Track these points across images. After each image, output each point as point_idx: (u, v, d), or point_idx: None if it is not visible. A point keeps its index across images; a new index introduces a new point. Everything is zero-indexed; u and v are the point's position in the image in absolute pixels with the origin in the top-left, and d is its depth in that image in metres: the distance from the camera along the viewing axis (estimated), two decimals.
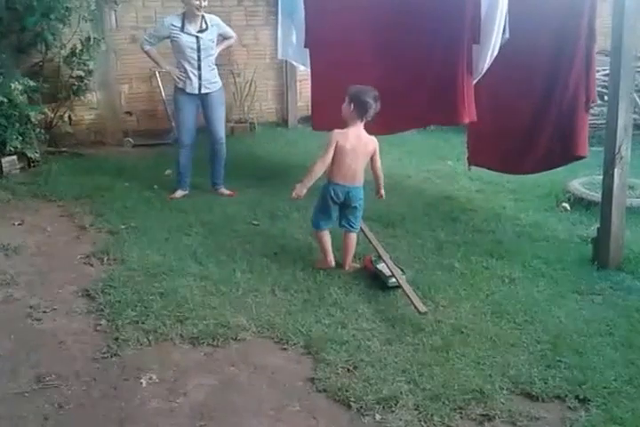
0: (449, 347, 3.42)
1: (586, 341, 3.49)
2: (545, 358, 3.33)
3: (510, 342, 3.49)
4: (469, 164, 5.74)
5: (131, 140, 7.82)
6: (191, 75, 5.72)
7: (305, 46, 6.17)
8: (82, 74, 7.23)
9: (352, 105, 4.16)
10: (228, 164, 6.82)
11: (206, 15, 5.74)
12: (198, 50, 5.69)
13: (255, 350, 3.43)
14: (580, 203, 5.30)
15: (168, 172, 6.49)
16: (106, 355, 3.35)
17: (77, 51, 7.11)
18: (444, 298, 3.96)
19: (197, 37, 5.67)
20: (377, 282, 4.16)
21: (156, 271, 4.24)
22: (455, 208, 5.56)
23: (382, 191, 4.47)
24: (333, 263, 4.34)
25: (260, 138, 8.20)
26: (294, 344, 3.47)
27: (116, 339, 3.48)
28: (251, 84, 8.45)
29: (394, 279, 4.03)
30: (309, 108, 6.75)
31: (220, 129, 5.94)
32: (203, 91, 5.77)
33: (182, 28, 5.64)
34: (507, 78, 4.92)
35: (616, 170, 4.17)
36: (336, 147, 4.14)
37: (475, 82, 4.78)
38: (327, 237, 4.35)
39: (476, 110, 4.93)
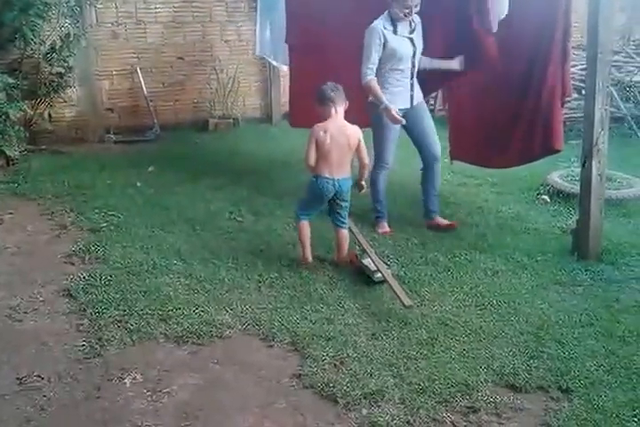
0: (434, 340, 3.44)
1: (567, 331, 3.53)
2: (528, 350, 3.37)
3: (494, 334, 3.52)
4: (451, 158, 5.77)
5: (112, 136, 7.77)
6: (402, 87, 4.83)
7: (285, 42, 6.15)
8: (62, 70, 7.16)
9: (318, 102, 4.24)
10: (210, 160, 6.83)
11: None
12: (413, 55, 4.76)
13: (241, 348, 3.43)
14: (559, 195, 5.35)
15: (151, 168, 6.46)
16: (88, 355, 3.33)
17: (57, 47, 7.05)
18: (429, 292, 3.99)
19: (411, 40, 4.74)
20: (363, 277, 4.17)
21: (139, 269, 4.22)
22: (440, 202, 5.57)
23: (363, 182, 4.41)
24: (310, 259, 4.35)
25: (243, 134, 8.18)
26: (280, 341, 3.47)
27: (99, 339, 3.45)
28: (234, 80, 8.42)
29: (379, 274, 4.04)
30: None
31: (438, 143, 5.02)
32: (414, 103, 4.89)
33: (395, 31, 4.71)
34: (486, 74, 4.94)
35: (594, 162, 4.21)
36: (317, 142, 4.13)
37: (454, 77, 4.83)
38: (307, 230, 4.35)
39: (457, 106, 4.96)
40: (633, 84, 8.23)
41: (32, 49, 7.03)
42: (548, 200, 5.54)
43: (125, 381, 3.13)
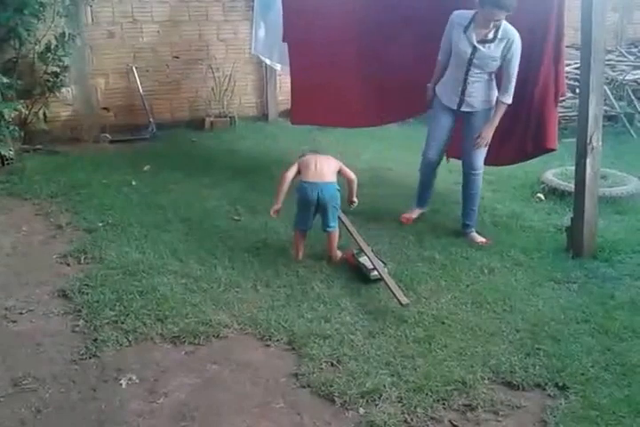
0: (431, 338, 3.45)
1: (563, 328, 3.55)
2: (524, 347, 3.38)
3: (490, 331, 3.53)
4: (447, 156, 5.76)
5: (108, 135, 7.74)
6: (451, 85, 4.68)
7: (283, 41, 6.14)
8: (57, 70, 7.14)
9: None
10: (207, 158, 6.83)
11: (507, 24, 4.39)
12: (469, 62, 4.50)
13: (237, 348, 3.43)
14: (554, 193, 5.36)
15: (146, 167, 6.45)
16: (84, 356, 3.32)
17: (52, 46, 7.01)
18: (426, 289, 4.00)
19: (475, 48, 4.45)
20: (359, 275, 4.18)
21: (135, 269, 4.21)
22: (435, 200, 5.56)
23: (354, 198, 4.52)
24: (300, 258, 4.41)
25: (240, 132, 8.16)
26: (277, 340, 3.48)
27: (95, 340, 3.44)
28: (230, 79, 8.41)
29: (376, 272, 4.04)
30: (289, 101, 6.74)
31: (477, 153, 4.78)
32: (463, 108, 4.70)
33: (465, 30, 4.49)
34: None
35: (588, 160, 4.23)
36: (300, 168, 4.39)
37: None
38: (301, 240, 4.42)
39: None
40: (626, 82, 8.28)
41: (27, 49, 7.01)
42: (543, 198, 5.55)
43: (121, 382, 3.13)
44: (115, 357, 3.33)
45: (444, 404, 2.95)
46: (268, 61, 7.22)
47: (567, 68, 4.73)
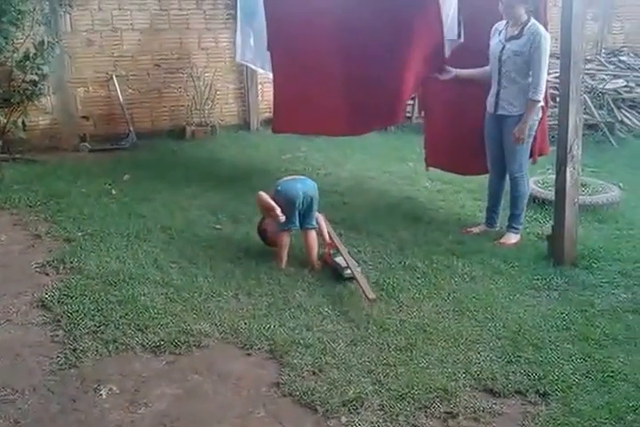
0: (413, 346, 3.45)
1: (544, 336, 3.56)
2: (505, 354, 3.38)
3: (472, 339, 3.54)
4: (427, 165, 5.81)
5: (87, 144, 7.71)
6: (491, 87, 4.80)
7: (267, 49, 6.16)
8: (36, 78, 7.07)
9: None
10: (188, 167, 6.81)
11: (536, 23, 4.56)
12: (499, 60, 4.67)
13: (219, 357, 3.40)
14: (534, 201, 5.39)
15: (126, 177, 6.42)
16: (64, 367, 3.28)
17: (31, 55, 6.96)
18: (408, 297, 4.00)
19: (503, 46, 4.66)
20: (335, 274, 4.27)
21: (115, 279, 4.17)
22: (417, 208, 5.62)
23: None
24: (283, 266, 4.40)
25: (221, 141, 8.16)
26: (259, 349, 3.46)
27: (75, 350, 3.41)
28: (211, 88, 8.40)
29: (349, 271, 4.15)
30: (271, 110, 6.75)
31: (510, 160, 4.83)
32: (499, 111, 4.79)
33: (500, 32, 4.72)
34: (458, 82, 4.99)
35: (568, 168, 4.26)
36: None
37: (428, 83, 4.87)
38: (287, 240, 4.40)
39: (432, 113, 5.00)
40: (606, 91, 8.38)
41: (5, 57, 6.94)
42: None
43: (102, 392, 3.09)
44: (95, 367, 3.29)
45: (425, 412, 2.95)
46: (260, 70, 7.21)
47: (548, 77, 4.75)
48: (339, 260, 4.30)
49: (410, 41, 4.78)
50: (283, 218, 4.30)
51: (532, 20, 4.53)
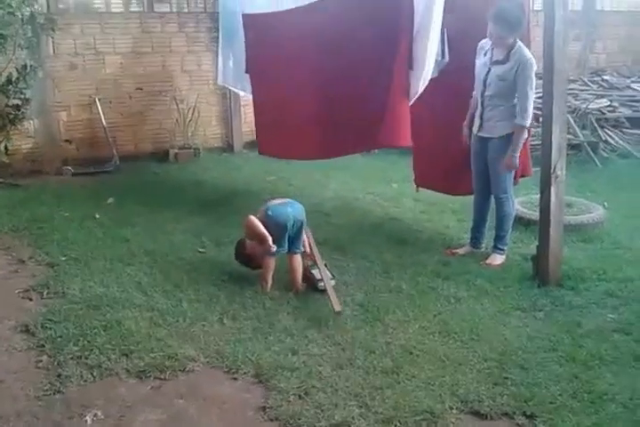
0: (399, 369, 3.43)
1: (530, 357, 3.55)
2: (492, 376, 3.37)
3: (458, 360, 3.52)
4: (416, 185, 5.83)
5: (70, 168, 7.68)
6: (477, 111, 4.84)
7: (246, 72, 6.20)
8: (18, 102, 7.07)
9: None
10: (172, 191, 6.80)
11: (522, 48, 4.56)
12: (484, 84, 4.70)
13: (204, 382, 3.37)
14: (519, 222, 5.40)
15: (110, 200, 6.39)
16: (48, 393, 3.24)
17: (13, 79, 6.96)
18: (393, 320, 3.98)
19: (489, 69, 4.66)
20: (311, 286, 4.37)
21: (99, 304, 4.13)
22: (402, 229, 5.63)
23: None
24: (268, 289, 4.38)
25: (205, 164, 8.16)
26: (244, 373, 3.43)
27: (59, 375, 3.36)
28: (194, 110, 8.43)
29: (322, 283, 4.26)
30: (254, 133, 6.77)
31: (494, 183, 4.87)
32: (483, 133, 4.83)
33: (486, 53, 4.70)
34: (446, 102, 5.04)
35: (552, 189, 4.28)
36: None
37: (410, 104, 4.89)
38: (273, 264, 4.38)
39: (420, 134, 5.03)
40: (589, 111, 8.45)
41: None
42: None
43: (86, 418, 3.05)
44: (79, 393, 3.25)
45: None
46: (242, 93, 7.26)
47: None
48: (315, 272, 4.39)
49: (387, 64, 4.80)
50: (274, 249, 4.28)
51: (518, 44, 4.54)
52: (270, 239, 4.27)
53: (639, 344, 3.67)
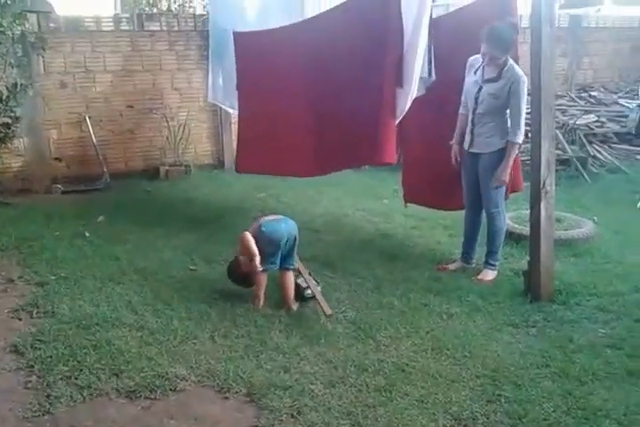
0: (392, 386, 3.41)
1: (524, 373, 3.54)
2: (485, 393, 3.36)
3: (451, 378, 3.51)
4: (405, 201, 5.85)
5: (60, 186, 7.65)
6: (467, 124, 4.87)
7: (236, 88, 6.22)
8: (9, 121, 7.04)
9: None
10: (163, 208, 6.78)
11: (514, 66, 4.60)
12: (475, 101, 4.73)
13: (195, 401, 3.34)
14: (509, 237, 5.41)
15: (100, 218, 6.36)
16: (37, 413, 3.20)
17: (4, 97, 6.94)
18: (386, 337, 3.97)
19: (480, 87, 4.69)
20: (297, 295, 4.38)
21: (89, 323, 4.10)
22: (393, 245, 5.62)
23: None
24: (261, 306, 4.36)
25: (195, 181, 8.15)
26: (236, 392, 3.40)
27: (48, 396, 3.33)
28: (185, 128, 8.43)
29: (309, 291, 4.36)
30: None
31: (486, 198, 4.88)
32: (473, 149, 4.86)
33: (476, 71, 4.73)
34: (434, 118, 5.06)
35: (542, 204, 4.30)
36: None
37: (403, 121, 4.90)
38: (264, 280, 4.36)
39: (409, 149, 5.05)
40: (577, 126, 8.51)
41: None
42: None
43: None
44: (69, 413, 3.21)
45: None
46: (230, 110, 7.29)
47: None
48: (300, 281, 4.43)
49: (376, 82, 4.82)
50: (260, 268, 4.26)
51: (510, 62, 4.58)
52: (258, 258, 4.24)
53: (631, 359, 3.67)
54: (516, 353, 3.76)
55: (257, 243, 4.29)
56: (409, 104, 4.68)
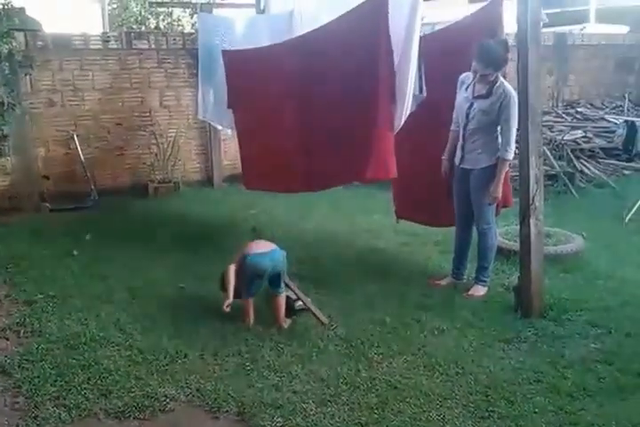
0: (384, 404, 3.39)
1: (516, 389, 3.53)
2: (478, 410, 3.34)
3: (444, 395, 3.49)
4: (396, 217, 5.84)
5: (48, 204, 7.60)
6: (459, 140, 4.89)
7: (228, 107, 6.22)
8: None
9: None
10: (151, 226, 6.75)
11: (504, 83, 4.65)
12: (466, 117, 4.76)
13: (185, 421, 3.30)
14: (500, 252, 5.40)
15: (88, 236, 6.32)
16: None
17: None
18: (378, 353, 3.95)
19: (472, 103, 4.73)
20: (288, 308, 4.38)
21: (77, 342, 4.06)
22: (384, 262, 5.61)
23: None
24: (251, 323, 4.35)
25: (184, 198, 8.13)
26: (226, 411, 3.37)
27: (36, 417, 3.28)
28: (173, 145, 8.42)
29: (300, 302, 4.39)
30: (234, 166, 6.77)
31: (477, 215, 4.89)
32: (464, 164, 4.87)
33: (467, 87, 4.76)
34: (425, 134, 5.08)
35: (532, 220, 4.32)
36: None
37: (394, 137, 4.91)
38: (250, 306, 4.36)
39: (399, 165, 5.03)
40: (565, 142, 8.59)
41: None
42: None
43: None
44: None
45: None
46: (219, 127, 7.31)
47: None
48: (289, 294, 4.43)
49: (370, 98, 4.83)
50: (228, 301, 4.19)
51: (500, 79, 4.60)
52: (230, 299, 4.19)
53: (622, 374, 3.67)
54: (507, 369, 3.75)
55: (241, 272, 4.28)
56: (403, 120, 4.70)
